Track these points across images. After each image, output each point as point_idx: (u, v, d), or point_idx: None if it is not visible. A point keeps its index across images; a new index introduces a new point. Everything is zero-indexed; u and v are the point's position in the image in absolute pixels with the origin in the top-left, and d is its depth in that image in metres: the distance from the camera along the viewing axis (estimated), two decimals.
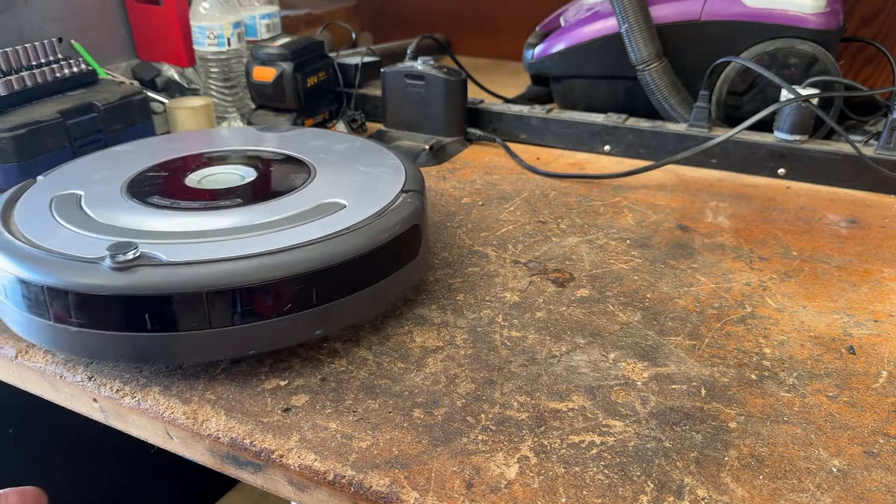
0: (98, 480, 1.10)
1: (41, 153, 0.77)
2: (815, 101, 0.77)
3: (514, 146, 0.90)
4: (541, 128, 0.91)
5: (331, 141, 0.69)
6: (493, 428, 0.44)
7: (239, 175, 0.61)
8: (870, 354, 0.51)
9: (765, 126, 0.79)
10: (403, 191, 0.57)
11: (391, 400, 0.47)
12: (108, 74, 0.97)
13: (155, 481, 1.20)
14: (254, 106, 0.94)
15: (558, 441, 0.43)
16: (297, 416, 0.45)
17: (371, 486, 0.40)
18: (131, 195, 0.57)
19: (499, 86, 1.06)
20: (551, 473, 0.41)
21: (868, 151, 0.76)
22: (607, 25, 0.90)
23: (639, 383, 0.48)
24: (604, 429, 0.44)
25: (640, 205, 0.75)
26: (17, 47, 0.82)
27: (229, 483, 1.35)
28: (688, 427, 0.44)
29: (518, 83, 1.14)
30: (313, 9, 1.32)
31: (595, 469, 0.41)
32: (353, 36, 1.14)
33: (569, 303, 0.58)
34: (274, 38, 0.92)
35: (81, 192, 0.57)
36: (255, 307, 0.46)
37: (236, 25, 0.95)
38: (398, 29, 1.44)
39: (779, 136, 0.80)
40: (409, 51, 0.93)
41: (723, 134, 0.78)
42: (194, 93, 1.00)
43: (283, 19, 1.12)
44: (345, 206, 0.54)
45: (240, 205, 0.55)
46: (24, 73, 0.80)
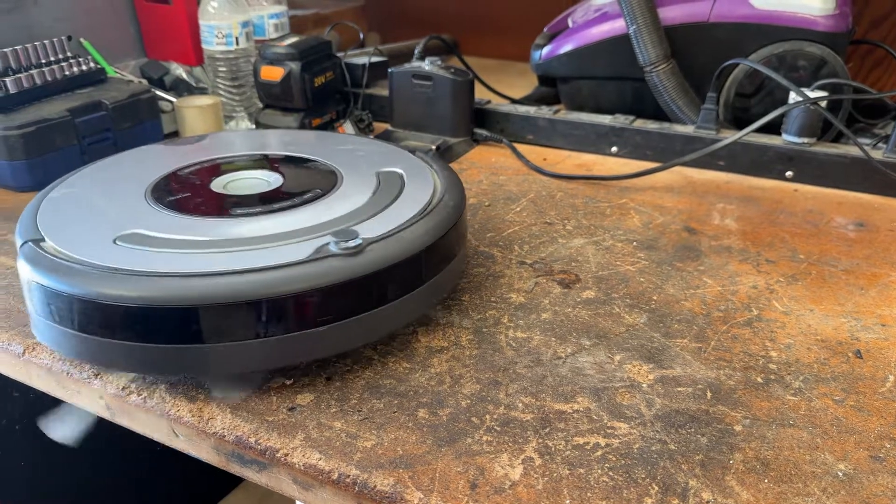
0: (103, 478, 1.10)
1: (50, 151, 0.78)
2: (823, 103, 0.77)
3: (520, 147, 0.90)
4: (548, 129, 0.91)
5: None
6: (498, 429, 0.44)
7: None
8: (877, 358, 0.51)
9: (773, 128, 0.79)
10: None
11: (396, 400, 0.47)
12: (116, 73, 0.97)
13: (160, 479, 1.20)
14: (261, 105, 0.94)
15: (563, 442, 0.43)
16: (302, 415, 0.45)
17: (375, 486, 0.40)
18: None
19: (506, 86, 1.06)
20: (556, 475, 0.41)
21: (877, 155, 0.76)
22: (615, 27, 0.90)
23: (644, 385, 0.48)
24: (609, 431, 0.44)
25: (647, 206, 0.75)
26: (26, 45, 0.82)
27: (234, 481, 1.36)
28: (693, 430, 0.44)
29: (525, 84, 1.14)
30: (321, 9, 1.33)
31: (600, 471, 0.41)
32: (361, 36, 1.14)
33: (574, 304, 0.58)
34: (282, 38, 0.92)
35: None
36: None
37: (245, 25, 0.96)
38: (406, 29, 1.44)
39: (787, 139, 0.80)
40: (416, 51, 0.93)
41: (730, 136, 0.78)
42: (202, 92, 1.00)
43: (292, 19, 1.12)
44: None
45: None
46: (34, 72, 0.81)
